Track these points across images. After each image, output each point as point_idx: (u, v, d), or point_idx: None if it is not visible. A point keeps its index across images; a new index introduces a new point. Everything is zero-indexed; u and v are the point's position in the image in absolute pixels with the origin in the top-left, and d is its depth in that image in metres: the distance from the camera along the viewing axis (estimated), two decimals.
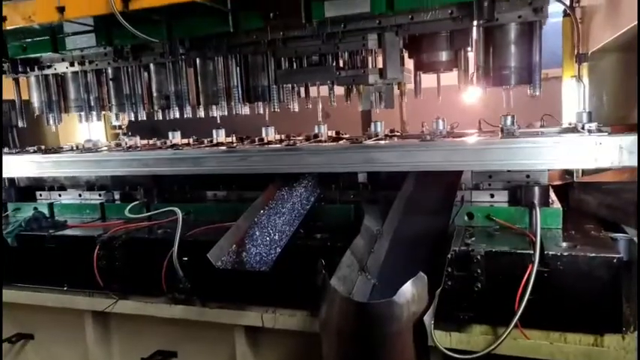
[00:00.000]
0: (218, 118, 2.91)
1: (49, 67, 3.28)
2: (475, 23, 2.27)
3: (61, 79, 3.35)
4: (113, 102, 3.21)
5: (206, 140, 3.02)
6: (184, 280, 2.25)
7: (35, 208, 3.00)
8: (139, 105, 3.14)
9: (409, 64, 2.65)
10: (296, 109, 2.96)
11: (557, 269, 1.81)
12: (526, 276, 1.78)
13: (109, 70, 3.16)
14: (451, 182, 2.42)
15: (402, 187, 2.50)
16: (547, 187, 2.30)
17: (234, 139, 2.98)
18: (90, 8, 2.49)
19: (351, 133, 3.05)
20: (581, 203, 2.39)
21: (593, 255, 1.79)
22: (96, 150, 3.04)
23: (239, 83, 2.86)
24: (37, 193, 3.32)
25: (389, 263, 2.23)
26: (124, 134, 3.35)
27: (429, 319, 1.81)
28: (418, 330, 1.80)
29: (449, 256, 1.91)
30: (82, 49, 3.04)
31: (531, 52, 2.24)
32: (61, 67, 3.26)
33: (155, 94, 3.08)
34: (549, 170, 2.33)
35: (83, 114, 3.32)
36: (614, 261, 1.76)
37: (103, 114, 3.40)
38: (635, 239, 2.00)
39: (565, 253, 1.82)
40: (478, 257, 1.88)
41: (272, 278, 2.18)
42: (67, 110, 3.37)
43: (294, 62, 2.74)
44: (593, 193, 2.36)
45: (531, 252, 1.83)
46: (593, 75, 3.13)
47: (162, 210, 2.66)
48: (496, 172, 2.38)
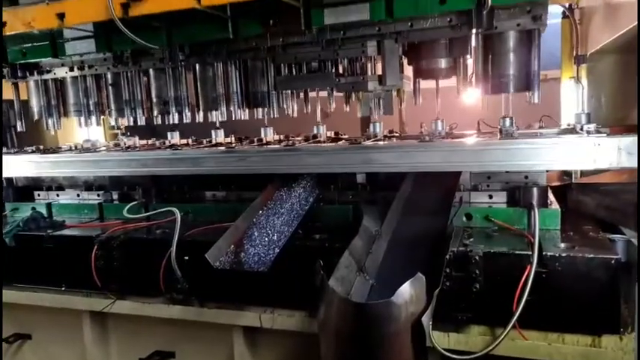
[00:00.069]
0: (217, 124, 2.91)
1: (49, 71, 3.27)
2: (474, 31, 2.26)
3: (60, 83, 3.34)
4: (112, 107, 3.20)
5: (205, 140, 3.03)
6: (182, 280, 2.25)
7: (33, 208, 2.99)
8: (138, 110, 3.13)
9: (408, 70, 2.65)
10: (295, 115, 2.97)
11: (555, 270, 1.81)
12: (524, 277, 1.78)
13: (109, 75, 3.16)
14: (450, 183, 2.42)
15: (400, 188, 2.51)
16: (545, 188, 2.30)
17: (233, 140, 2.98)
18: (90, 15, 2.48)
19: (350, 134, 3.05)
20: (580, 204, 2.40)
21: (592, 256, 1.79)
22: (94, 150, 3.04)
23: (238, 89, 2.86)
24: (36, 193, 3.32)
25: (387, 264, 2.23)
26: (123, 134, 3.34)
27: (427, 320, 1.81)
28: (416, 330, 1.80)
29: (447, 256, 1.91)
30: (81, 55, 3.04)
31: (530, 60, 2.24)
32: (61, 72, 3.24)
33: (155, 100, 3.08)
34: (548, 171, 2.34)
35: (82, 118, 3.31)
36: (612, 262, 1.76)
37: (102, 118, 3.39)
38: (633, 240, 2.00)
39: (563, 254, 1.82)
40: (476, 258, 1.88)
41: (270, 279, 2.18)
42: (66, 115, 3.36)
43: (294, 68, 2.74)
44: (592, 195, 2.36)
45: (529, 253, 1.83)
46: (591, 76, 3.14)
47: (161, 210, 2.66)
48: (495, 173, 2.38)
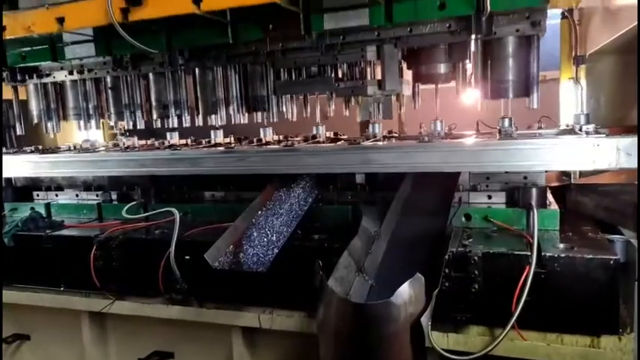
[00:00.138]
0: (218, 126, 2.91)
1: (48, 75, 3.26)
2: (473, 37, 2.27)
3: (59, 87, 3.34)
4: (112, 110, 3.20)
5: (204, 141, 3.03)
6: (181, 280, 2.25)
7: (32, 208, 2.99)
8: (138, 113, 3.13)
9: (408, 74, 2.65)
10: (294, 119, 2.97)
11: (554, 271, 1.81)
12: (523, 277, 1.78)
13: (108, 79, 3.16)
14: (449, 183, 2.42)
15: (399, 189, 2.51)
16: (544, 188, 2.30)
17: (232, 140, 2.98)
18: (89, 19, 2.47)
19: (349, 134, 3.05)
20: (579, 205, 2.40)
21: (590, 257, 1.79)
22: (93, 150, 3.04)
23: (238, 93, 2.86)
24: (34, 193, 3.31)
25: (386, 264, 2.23)
26: (122, 134, 3.34)
27: (426, 320, 1.82)
28: (415, 331, 1.80)
29: (446, 257, 1.91)
30: (81, 59, 3.04)
31: (529, 65, 2.25)
32: (60, 76, 3.24)
33: (154, 104, 3.08)
34: (547, 172, 2.34)
35: (82, 122, 3.31)
36: (611, 262, 1.76)
37: (102, 122, 3.39)
38: (632, 241, 2.00)
39: (562, 255, 1.82)
40: (475, 258, 1.88)
41: (269, 279, 2.18)
42: (65, 118, 3.36)
43: (293, 73, 2.74)
44: (591, 195, 2.36)
45: (528, 253, 1.83)
46: (590, 77, 3.14)
47: (160, 210, 2.66)
48: (494, 174, 2.38)
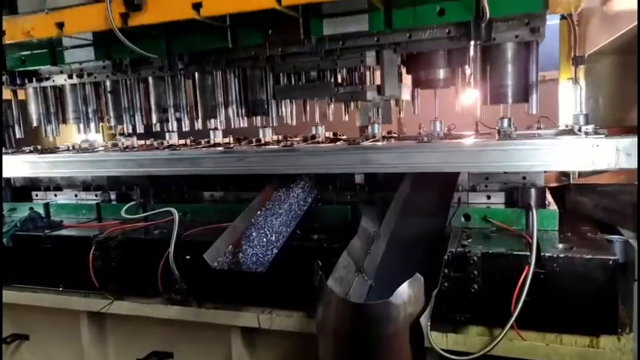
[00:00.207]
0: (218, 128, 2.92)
1: (48, 79, 3.26)
2: (472, 42, 2.27)
3: (59, 91, 3.34)
4: (111, 114, 3.20)
5: (203, 141, 3.03)
6: (180, 280, 2.25)
7: (31, 208, 2.98)
8: (137, 117, 3.13)
9: (407, 78, 2.66)
10: (294, 123, 2.97)
11: (553, 271, 1.81)
12: (522, 277, 1.78)
13: (108, 82, 3.15)
14: (448, 184, 2.42)
15: (399, 189, 2.51)
16: (543, 188, 2.30)
17: (232, 140, 2.98)
18: (89, 24, 2.47)
19: (348, 135, 3.05)
20: (578, 205, 2.40)
21: (589, 257, 1.79)
22: (92, 150, 3.03)
23: (238, 97, 2.86)
24: (33, 193, 3.31)
25: (386, 264, 2.23)
26: (121, 134, 3.34)
27: (425, 320, 1.82)
28: (414, 331, 1.80)
29: (445, 257, 1.91)
30: (80, 62, 3.04)
31: (528, 71, 2.25)
32: (60, 80, 3.23)
33: (154, 107, 3.08)
34: (546, 172, 2.34)
35: (82, 126, 3.31)
36: (610, 263, 1.76)
37: (101, 125, 3.39)
38: (631, 241, 2.01)
39: (561, 255, 1.82)
40: (475, 259, 1.88)
41: (269, 279, 2.18)
42: (65, 122, 3.36)
43: (293, 78, 2.75)
44: (590, 195, 2.36)
45: (528, 253, 1.83)
46: (589, 77, 3.15)
47: (159, 210, 2.66)
48: (493, 174, 2.38)
